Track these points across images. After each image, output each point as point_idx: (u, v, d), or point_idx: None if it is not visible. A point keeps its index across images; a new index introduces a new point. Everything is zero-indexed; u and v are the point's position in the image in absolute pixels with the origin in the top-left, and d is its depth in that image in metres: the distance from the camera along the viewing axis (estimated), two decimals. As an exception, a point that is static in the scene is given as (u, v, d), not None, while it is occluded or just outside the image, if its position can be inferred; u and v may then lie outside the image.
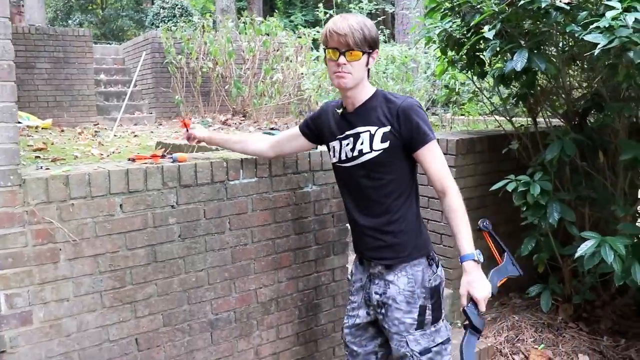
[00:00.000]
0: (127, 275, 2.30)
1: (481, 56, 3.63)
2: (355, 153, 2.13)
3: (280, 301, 2.82)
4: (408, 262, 2.16)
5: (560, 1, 2.72)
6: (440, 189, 2.08)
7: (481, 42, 3.33)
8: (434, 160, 2.07)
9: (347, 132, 2.16)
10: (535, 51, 3.00)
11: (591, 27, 2.49)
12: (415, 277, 2.15)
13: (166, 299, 2.42)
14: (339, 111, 2.21)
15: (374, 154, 2.08)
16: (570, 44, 3.24)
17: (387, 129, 2.06)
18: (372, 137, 2.08)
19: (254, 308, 2.73)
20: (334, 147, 2.24)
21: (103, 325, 2.26)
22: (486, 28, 3.06)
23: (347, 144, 2.15)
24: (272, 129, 6.82)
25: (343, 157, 2.19)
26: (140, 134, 6.95)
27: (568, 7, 2.73)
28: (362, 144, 2.11)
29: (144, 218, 2.32)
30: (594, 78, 3.40)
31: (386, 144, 2.06)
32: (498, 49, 3.13)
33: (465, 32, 3.46)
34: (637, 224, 3.56)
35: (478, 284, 1.98)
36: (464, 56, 3.65)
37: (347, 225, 3.04)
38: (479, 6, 3.18)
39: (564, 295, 3.82)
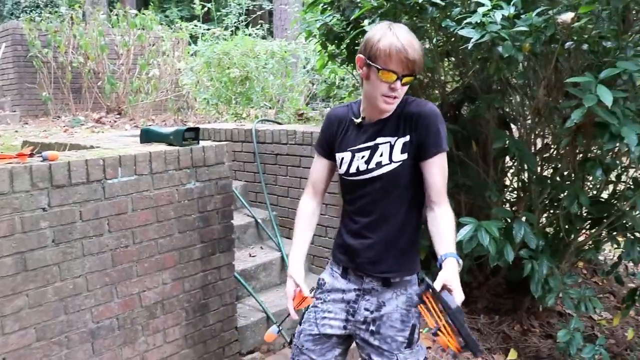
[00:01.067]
0: (-8, 287, 2.10)
1: (361, 50, 3.70)
2: (372, 165, 1.99)
3: (165, 303, 2.70)
4: (408, 275, 2.08)
5: (435, -3, 2.84)
6: (434, 200, 1.95)
7: (361, 36, 3.39)
8: (440, 172, 1.96)
9: (363, 145, 2.02)
10: (413, 46, 3.11)
11: (464, 22, 2.62)
12: (413, 297, 2.07)
13: (39, 310, 2.24)
14: (358, 121, 2.05)
15: (392, 166, 1.96)
16: (445, 39, 3.39)
17: (407, 138, 1.95)
18: (391, 147, 1.96)
19: (139, 313, 2.60)
20: (342, 158, 2.07)
21: (-34, 344, 2.05)
22: (366, 22, 3.13)
23: (362, 157, 2.01)
24: (149, 127, 6.56)
25: (353, 170, 2.04)
26: (3, 134, 6.40)
27: (443, 3, 2.85)
28: (380, 155, 1.98)
29: (11, 223, 2.11)
30: (466, 72, 3.58)
31: (405, 155, 1.95)
32: (377, 43, 3.21)
33: (345, 27, 3.52)
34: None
35: (458, 280, 1.81)
36: (344, 50, 3.70)
37: (232, 221, 3.00)
38: (358, 1, 3.24)
39: (444, 279, 4.00)
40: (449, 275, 1.79)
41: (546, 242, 3.40)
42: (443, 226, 1.93)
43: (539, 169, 3.60)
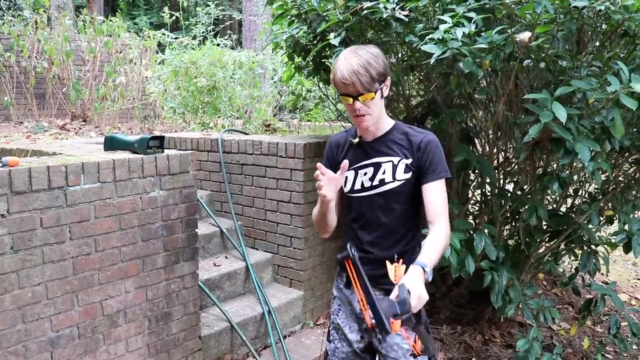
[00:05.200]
0: (-52, 294, 2.06)
1: (327, 63, 3.75)
2: (376, 182, 2.11)
3: (128, 312, 2.68)
4: None
5: (399, 13, 2.90)
6: (430, 220, 2.04)
7: (327, 49, 3.44)
8: (439, 195, 2.06)
9: (365, 162, 2.14)
10: (378, 59, 3.17)
11: (427, 38, 2.68)
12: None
13: (-4, 318, 2.20)
14: (355, 140, 2.18)
15: (396, 183, 2.09)
16: (409, 54, 3.46)
17: (409, 161, 2.08)
18: (394, 167, 2.09)
19: (100, 321, 2.57)
20: (346, 177, 2.16)
21: None
22: (332, 35, 3.17)
23: (365, 174, 2.13)
24: (113, 134, 6.47)
25: (357, 187, 2.15)
26: (-37, 139, 6.26)
27: (407, 19, 2.92)
28: (384, 173, 2.10)
29: (-31, 229, 2.09)
30: (429, 86, 3.66)
31: (408, 175, 2.08)
32: (343, 56, 3.26)
33: (311, 39, 3.56)
34: (468, 220, 3.89)
35: (418, 284, 1.82)
36: (310, 62, 3.74)
37: (197, 230, 2.99)
38: (324, 14, 3.29)
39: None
40: (407, 279, 1.84)
41: (507, 254, 3.48)
42: (428, 240, 2.00)
43: (500, 182, 3.68)
